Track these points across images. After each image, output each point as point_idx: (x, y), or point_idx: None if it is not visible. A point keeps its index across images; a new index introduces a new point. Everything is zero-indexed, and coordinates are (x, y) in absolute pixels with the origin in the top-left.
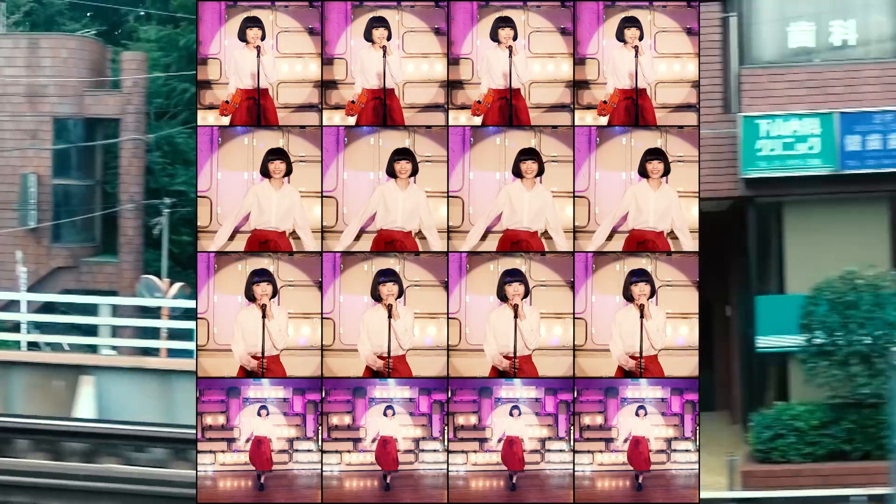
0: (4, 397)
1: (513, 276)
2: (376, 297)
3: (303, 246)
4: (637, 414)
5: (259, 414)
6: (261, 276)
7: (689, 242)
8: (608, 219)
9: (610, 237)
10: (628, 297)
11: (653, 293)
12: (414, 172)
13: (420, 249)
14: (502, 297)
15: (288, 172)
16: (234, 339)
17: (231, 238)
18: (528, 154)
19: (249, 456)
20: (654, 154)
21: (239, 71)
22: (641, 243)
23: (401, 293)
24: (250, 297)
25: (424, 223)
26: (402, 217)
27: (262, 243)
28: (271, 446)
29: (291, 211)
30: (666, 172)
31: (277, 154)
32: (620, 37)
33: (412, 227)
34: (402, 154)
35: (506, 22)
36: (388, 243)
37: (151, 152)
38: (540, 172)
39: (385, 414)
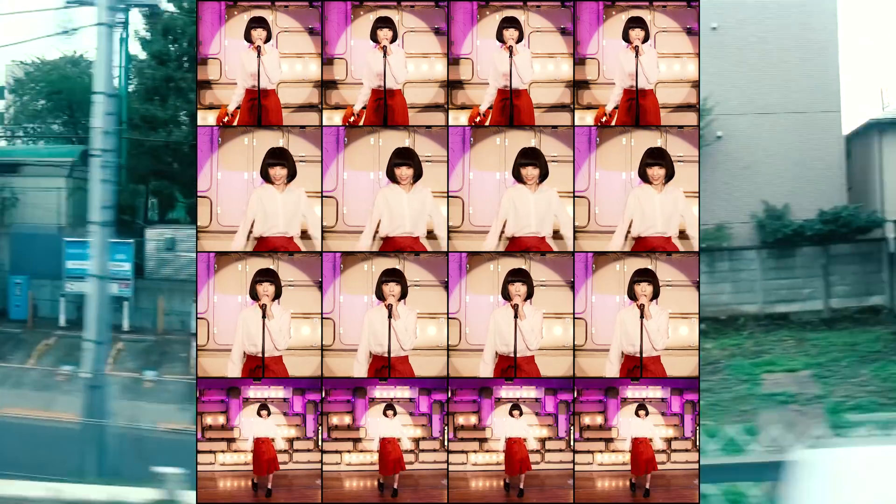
0: None
1: (516, 276)
2: (380, 296)
3: (313, 245)
4: (637, 414)
5: (259, 414)
6: (264, 276)
7: (696, 242)
8: (621, 225)
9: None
10: (632, 296)
11: (656, 294)
12: (417, 177)
13: (428, 250)
14: (506, 296)
15: (291, 177)
16: (235, 339)
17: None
18: (529, 158)
19: (253, 460)
20: (655, 158)
21: (243, 71)
22: (649, 250)
23: (404, 294)
24: (254, 296)
25: (435, 223)
26: (410, 221)
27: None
28: (274, 446)
29: (298, 212)
30: (669, 177)
31: (277, 158)
32: (626, 37)
33: (420, 231)
34: (403, 158)
35: (511, 22)
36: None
37: None
38: (543, 177)
39: (385, 414)
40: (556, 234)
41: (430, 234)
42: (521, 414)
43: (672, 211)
